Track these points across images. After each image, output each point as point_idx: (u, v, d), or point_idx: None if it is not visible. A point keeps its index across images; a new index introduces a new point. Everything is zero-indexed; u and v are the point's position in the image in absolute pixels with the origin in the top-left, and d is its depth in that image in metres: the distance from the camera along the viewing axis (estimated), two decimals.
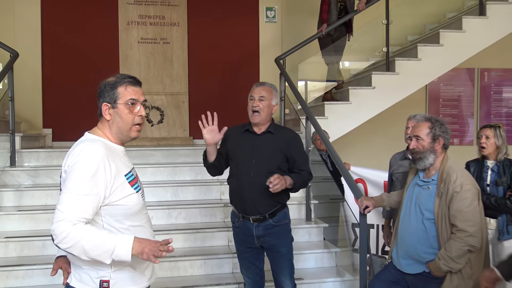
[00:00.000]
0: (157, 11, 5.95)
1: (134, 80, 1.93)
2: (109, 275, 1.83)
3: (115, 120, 1.89)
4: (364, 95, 5.10)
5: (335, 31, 5.35)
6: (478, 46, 5.32)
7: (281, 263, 2.89)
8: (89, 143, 1.83)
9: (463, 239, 2.41)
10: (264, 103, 2.80)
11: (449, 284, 2.46)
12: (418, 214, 2.60)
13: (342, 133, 5.11)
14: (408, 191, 2.77)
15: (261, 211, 2.81)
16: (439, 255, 2.46)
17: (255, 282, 2.99)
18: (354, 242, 4.52)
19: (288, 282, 2.92)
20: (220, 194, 4.41)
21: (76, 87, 5.68)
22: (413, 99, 5.68)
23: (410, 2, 6.06)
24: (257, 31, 6.24)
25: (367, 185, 4.60)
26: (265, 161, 2.78)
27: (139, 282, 1.92)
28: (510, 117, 7.07)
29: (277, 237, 2.85)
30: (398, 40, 6.22)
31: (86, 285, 1.84)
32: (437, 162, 2.61)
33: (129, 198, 1.85)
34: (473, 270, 2.47)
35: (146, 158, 4.75)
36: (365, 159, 5.43)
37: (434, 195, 2.55)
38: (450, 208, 2.47)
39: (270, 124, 2.90)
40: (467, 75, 6.98)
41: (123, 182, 1.84)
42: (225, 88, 6.06)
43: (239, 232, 2.94)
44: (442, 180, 2.54)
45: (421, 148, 2.62)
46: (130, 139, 1.96)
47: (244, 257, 2.96)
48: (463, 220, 2.42)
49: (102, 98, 1.89)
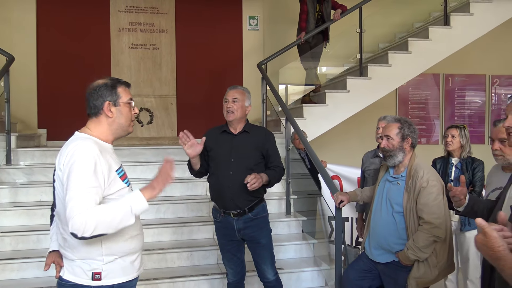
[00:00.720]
0: (147, 18, 5.88)
1: (127, 83, 1.99)
2: (100, 268, 1.81)
3: (117, 117, 1.92)
4: (339, 98, 5.12)
5: (313, 38, 5.35)
6: (443, 53, 5.38)
7: (262, 253, 2.90)
8: (82, 141, 1.81)
9: (429, 231, 2.43)
10: (238, 104, 2.82)
11: (416, 272, 2.48)
12: (389, 207, 2.62)
13: (319, 133, 5.11)
14: (379, 186, 2.79)
15: (240, 206, 2.81)
16: (407, 245, 2.48)
17: (237, 272, 2.98)
18: (330, 234, 4.53)
19: (270, 271, 2.92)
20: (206, 190, 4.38)
21: (69, 90, 5.57)
22: (384, 102, 5.72)
23: (381, 13, 6.11)
24: (241, 38, 6.21)
25: (342, 181, 4.61)
26: (243, 160, 2.78)
27: (129, 273, 1.91)
28: (472, 118, 7.18)
29: (257, 229, 2.86)
30: (370, 47, 6.27)
31: (79, 277, 1.81)
32: (405, 160, 2.64)
33: (121, 191, 1.85)
34: (438, 259, 2.50)
35: (136, 156, 4.69)
36: (340, 157, 5.44)
37: (403, 190, 2.57)
38: (417, 202, 2.49)
39: (246, 124, 2.92)
40: (433, 80, 7.05)
41: (115, 177, 1.84)
42: (210, 91, 6.02)
43: (221, 226, 2.93)
44: (410, 176, 2.56)
45: (391, 147, 2.63)
46: (127, 134, 1.99)
47: (226, 249, 2.96)
48: (429, 213, 2.45)
49: (103, 97, 1.88)
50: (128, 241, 1.88)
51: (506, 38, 6.82)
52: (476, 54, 6.72)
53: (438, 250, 2.49)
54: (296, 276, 3.59)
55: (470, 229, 3.29)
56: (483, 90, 7.23)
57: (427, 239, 2.43)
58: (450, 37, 5.34)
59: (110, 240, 1.81)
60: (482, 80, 7.21)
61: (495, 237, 1.24)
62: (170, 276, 3.38)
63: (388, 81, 5.27)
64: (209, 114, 5.92)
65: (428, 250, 2.45)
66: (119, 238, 1.84)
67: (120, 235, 1.83)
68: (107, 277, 1.83)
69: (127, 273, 1.90)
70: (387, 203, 2.65)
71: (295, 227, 4.12)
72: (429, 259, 2.48)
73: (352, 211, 4.33)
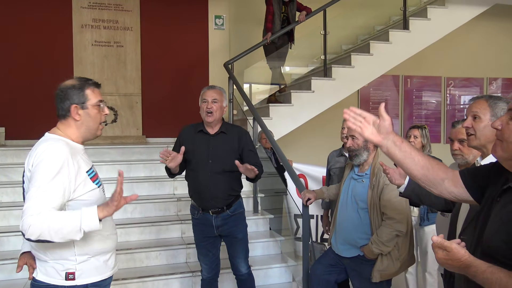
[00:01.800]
0: (110, 15, 5.77)
1: (97, 83, 1.94)
2: (74, 267, 1.81)
3: (85, 120, 1.87)
4: (304, 98, 5.23)
5: (278, 39, 5.44)
6: (402, 56, 5.60)
7: (237, 247, 2.97)
8: (52, 142, 1.79)
9: (392, 226, 2.56)
10: (217, 104, 2.83)
11: (380, 265, 2.60)
12: (354, 204, 2.72)
13: (285, 133, 5.19)
14: (345, 184, 2.89)
15: (219, 205, 2.86)
16: (371, 240, 2.59)
17: (212, 268, 3.02)
18: (296, 231, 4.63)
19: (243, 264, 3.00)
20: (174, 189, 4.38)
21: (30, 87, 5.39)
22: (347, 102, 5.85)
23: (344, 15, 6.27)
24: (207, 37, 6.21)
25: (308, 179, 4.72)
26: (220, 160, 2.81)
27: (103, 272, 1.92)
28: (429, 118, 7.51)
29: (234, 225, 2.94)
30: (334, 48, 6.42)
31: (52, 278, 1.80)
32: (370, 158, 2.75)
33: (91, 193, 1.84)
34: (400, 252, 2.63)
35: (101, 156, 4.62)
36: (305, 156, 5.54)
37: (367, 187, 2.68)
38: (380, 199, 2.61)
39: (222, 124, 2.94)
40: (393, 81, 7.31)
41: (85, 178, 1.83)
42: (177, 90, 5.99)
43: (199, 223, 2.97)
44: (374, 174, 2.67)
45: (356, 146, 2.73)
46: (95, 137, 1.96)
47: (202, 245, 2.99)
48: (391, 208, 2.57)
49: (69, 100, 1.84)
50: (101, 240, 1.88)
51: (459, 43, 7.17)
52: (433, 57, 7.02)
53: (400, 244, 2.62)
54: (264, 273, 3.67)
55: (429, 223, 3.46)
56: (439, 91, 7.58)
57: (390, 233, 2.56)
58: (409, 41, 5.57)
59: (83, 240, 1.79)
60: (438, 82, 7.56)
61: (456, 248, 1.24)
62: (139, 276, 3.37)
63: (351, 82, 5.43)
64: (175, 113, 5.90)
65: (391, 244, 2.58)
66: (92, 238, 1.84)
67: (92, 235, 1.83)
68: (81, 276, 1.83)
69: (101, 272, 1.90)
70: (352, 200, 2.75)
71: (262, 225, 4.19)
72: (392, 252, 2.60)
73: (317, 209, 4.44)
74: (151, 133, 5.86)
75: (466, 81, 7.68)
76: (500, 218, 1.26)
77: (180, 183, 4.36)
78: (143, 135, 5.84)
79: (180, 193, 4.32)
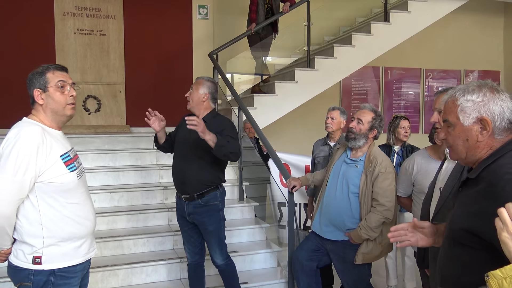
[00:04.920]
0: (93, 3, 5.72)
1: (59, 66, 1.98)
2: (41, 251, 1.85)
3: (48, 103, 1.91)
4: (288, 88, 5.31)
5: (262, 30, 5.51)
6: (383, 47, 5.72)
7: (208, 239, 2.99)
8: (26, 125, 1.85)
9: (381, 213, 2.67)
10: (192, 93, 2.96)
11: (365, 248, 2.73)
12: (344, 187, 2.79)
13: (268, 122, 5.25)
14: (334, 167, 2.94)
15: (189, 192, 2.92)
16: (360, 225, 2.69)
17: (195, 253, 3.09)
18: (280, 219, 4.76)
19: (218, 256, 3.00)
20: (160, 178, 4.44)
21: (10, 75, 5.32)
22: (328, 93, 5.98)
23: (327, 7, 6.37)
24: (191, 27, 6.21)
25: (291, 168, 4.82)
26: (196, 147, 2.84)
27: (71, 258, 1.92)
28: (408, 109, 7.71)
29: (205, 216, 2.93)
30: (316, 40, 6.53)
31: (21, 261, 1.85)
32: (365, 147, 2.83)
33: (63, 177, 1.86)
34: (383, 237, 2.75)
35: (86, 145, 4.63)
36: (287, 146, 5.62)
37: (361, 172, 2.76)
38: (373, 186, 2.70)
39: (208, 113, 2.98)
40: (373, 72, 7.48)
41: (56, 162, 1.85)
42: (160, 79, 6.00)
43: (178, 207, 3.07)
44: (369, 162, 2.75)
45: (357, 131, 2.80)
46: (66, 118, 1.98)
47: (184, 230, 3.08)
48: (384, 196, 2.68)
49: (33, 85, 1.91)
50: (70, 224, 1.90)
51: (438, 36, 7.38)
52: (412, 49, 7.19)
53: (383, 230, 2.73)
54: (250, 258, 3.78)
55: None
56: (418, 82, 7.79)
57: (378, 220, 2.67)
58: (390, 33, 5.69)
59: (51, 223, 1.85)
60: (417, 74, 7.77)
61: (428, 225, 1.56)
62: (127, 262, 3.43)
63: (334, 73, 5.52)
64: (159, 102, 5.89)
65: (378, 230, 2.69)
66: (62, 221, 1.88)
67: (61, 218, 1.87)
68: (48, 261, 1.85)
69: (69, 259, 1.91)
70: (343, 182, 2.81)
71: (247, 212, 4.29)
72: (377, 238, 2.73)
73: (300, 197, 4.57)
74: (135, 122, 5.87)
75: (444, 73, 7.91)
76: (460, 205, 1.39)
77: (166, 172, 4.42)
78: (127, 124, 5.85)
79: (166, 181, 4.39)
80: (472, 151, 1.35)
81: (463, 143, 1.36)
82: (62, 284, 1.89)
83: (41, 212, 1.84)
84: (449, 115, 1.39)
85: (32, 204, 1.83)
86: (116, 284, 3.38)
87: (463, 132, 1.35)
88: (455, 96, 1.37)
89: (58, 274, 1.87)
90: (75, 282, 1.95)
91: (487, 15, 7.87)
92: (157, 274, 3.51)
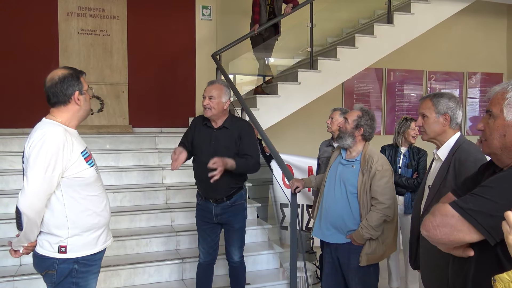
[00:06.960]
0: (97, 3, 5.74)
1: (84, 72, 2.16)
2: (66, 241, 1.99)
3: (84, 105, 2.08)
4: (291, 89, 5.31)
5: (265, 31, 5.52)
6: (386, 49, 5.72)
7: (233, 236, 3.09)
8: (49, 126, 1.98)
9: (381, 210, 2.67)
10: (214, 101, 2.89)
11: (368, 248, 2.72)
12: (342, 189, 2.78)
13: (271, 123, 5.26)
14: (331, 169, 2.93)
15: (219, 196, 2.98)
16: (361, 225, 2.68)
17: (209, 253, 3.13)
18: (282, 220, 4.77)
19: (236, 253, 3.11)
20: (162, 179, 4.44)
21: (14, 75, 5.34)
22: (331, 94, 5.97)
23: (330, 8, 6.37)
24: (194, 28, 6.23)
25: (293, 170, 4.84)
26: (221, 154, 2.84)
27: (93, 247, 2.08)
28: (411, 111, 7.70)
29: (233, 215, 3.05)
30: (319, 41, 6.52)
31: (46, 250, 2.00)
32: (358, 147, 2.81)
33: (85, 172, 2.01)
34: (386, 236, 2.75)
35: (88, 145, 4.43)
36: (289, 147, 5.62)
37: (357, 172, 2.76)
38: (371, 184, 2.70)
39: (227, 118, 2.99)
40: (376, 74, 7.47)
41: (79, 158, 1.99)
42: (163, 80, 6.01)
43: (201, 209, 3.10)
44: (365, 161, 2.75)
45: (344, 129, 2.84)
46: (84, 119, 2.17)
47: (202, 229, 3.11)
48: (382, 194, 2.68)
49: (72, 87, 2.03)
50: (92, 216, 2.06)
51: (441, 38, 7.37)
52: (415, 51, 7.18)
53: (385, 229, 2.73)
54: (252, 259, 3.78)
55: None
56: (420, 84, 7.77)
57: (379, 218, 2.66)
58: (393, 34, 5.69)
59: (75, 215, 1.99)
60: (420, 75, 7.75)
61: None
62: (130, 263, 3.45)
63: (337, 74, 5.52)
64: (161, 103, 5.94)
65: (380, 228, 2.69)
66: (83, 213, 2.02)
67: (83, 210, 2.01)
68: (72, 250, 2.00)
69: (91, 247, 2.07)
70: (340, 184, 2.80)
71: (250, 213, 4.28)
72: (379, 237, 2.73)
73: (303, 198, 4.58)
74: (137, 122, 5.88)
75: (447, 75, 7.90)
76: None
77: (168, 172, 4.42)
78: (130, 124, 5.86)
79: (169, 182, 4.40)
80: (508, 150, 1.31)
81: (500, 138, 1.32)
82: (85, 272, 2.04)
83: (65, 205, 1.98)
84: (494, 106, 1.34)
85: (57, 198, 1.97)
86: (118, 284, 3.39)
87: (503, 126, 1.31)
88: (507, 89, 1.32)
89: (82, 262, 2.02)
90: (95, 269, 2.11)
91: (490, 17, 7.86)
92: (160, 275, 3.52)
